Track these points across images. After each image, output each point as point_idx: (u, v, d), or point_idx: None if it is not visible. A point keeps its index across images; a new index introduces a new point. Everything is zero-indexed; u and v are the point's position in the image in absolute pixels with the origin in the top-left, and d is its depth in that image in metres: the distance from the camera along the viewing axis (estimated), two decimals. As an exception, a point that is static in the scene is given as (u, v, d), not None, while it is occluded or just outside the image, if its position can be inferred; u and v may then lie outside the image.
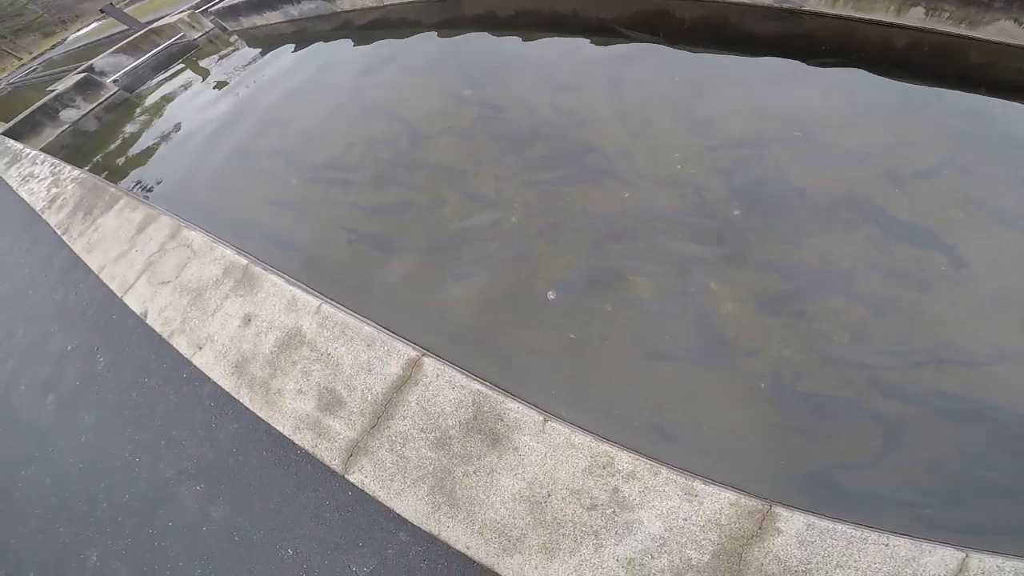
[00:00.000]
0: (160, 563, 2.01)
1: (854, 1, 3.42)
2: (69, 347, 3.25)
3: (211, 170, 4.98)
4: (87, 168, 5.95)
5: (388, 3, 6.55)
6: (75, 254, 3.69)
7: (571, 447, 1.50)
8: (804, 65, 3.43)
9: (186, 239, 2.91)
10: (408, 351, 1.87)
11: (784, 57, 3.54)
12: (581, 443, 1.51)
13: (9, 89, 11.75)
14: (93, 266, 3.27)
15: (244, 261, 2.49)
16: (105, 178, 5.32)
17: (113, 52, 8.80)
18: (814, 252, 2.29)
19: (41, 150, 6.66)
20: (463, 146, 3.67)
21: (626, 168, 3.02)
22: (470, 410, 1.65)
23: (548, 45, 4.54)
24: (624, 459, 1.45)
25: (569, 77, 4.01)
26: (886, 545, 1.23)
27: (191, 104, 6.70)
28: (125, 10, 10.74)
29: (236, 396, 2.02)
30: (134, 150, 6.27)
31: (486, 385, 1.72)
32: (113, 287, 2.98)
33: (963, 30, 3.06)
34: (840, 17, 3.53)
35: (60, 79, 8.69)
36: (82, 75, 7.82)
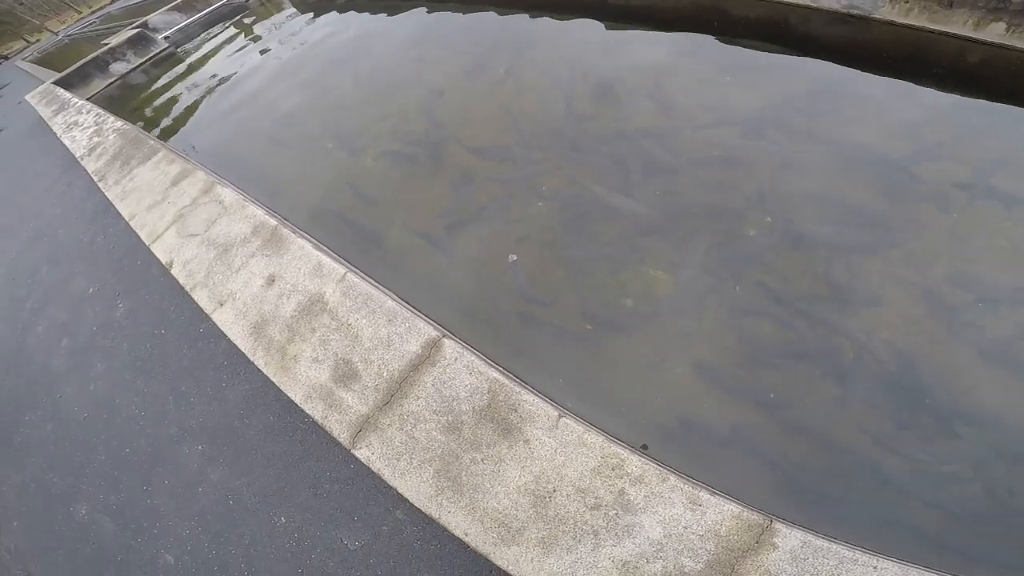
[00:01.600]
0: (150, 521, 2.00)
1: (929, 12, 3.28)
2: (91, 290, 3.31)
3: (247, 129, 5.05)
4: (131, 121, 6.12)
5: None
6: (108, 200, 3.74)
7: (583, 445, 1.49)
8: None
9: (218, 195, 2.94)
10: (429, 330, 1.86)
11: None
12: (593, 442, 1.49)
13: (67, 41, 12.15)
14: (124, 213, 3.31)
15: (274, 222, 2.49)
16: (146, 131, 5.46)
17: (168, 9, 9.02)
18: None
19: (88, 100, 6.87)
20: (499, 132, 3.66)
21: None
22: (485, 397, 1.64)
23: (587, 29, 4.49)
24: (634, 462, 1.43)
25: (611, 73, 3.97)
26: (874, 568, 1.22)
27: (235, 64, 6.81)
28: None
29: (251, 357, 2.03)
30: (176, 105, 6.41)
31: (504, 373, 1.70)
32: (142, 235, 3.02)
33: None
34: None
35: (115, 33, 8.94)
36: (136, 30, 8.04)
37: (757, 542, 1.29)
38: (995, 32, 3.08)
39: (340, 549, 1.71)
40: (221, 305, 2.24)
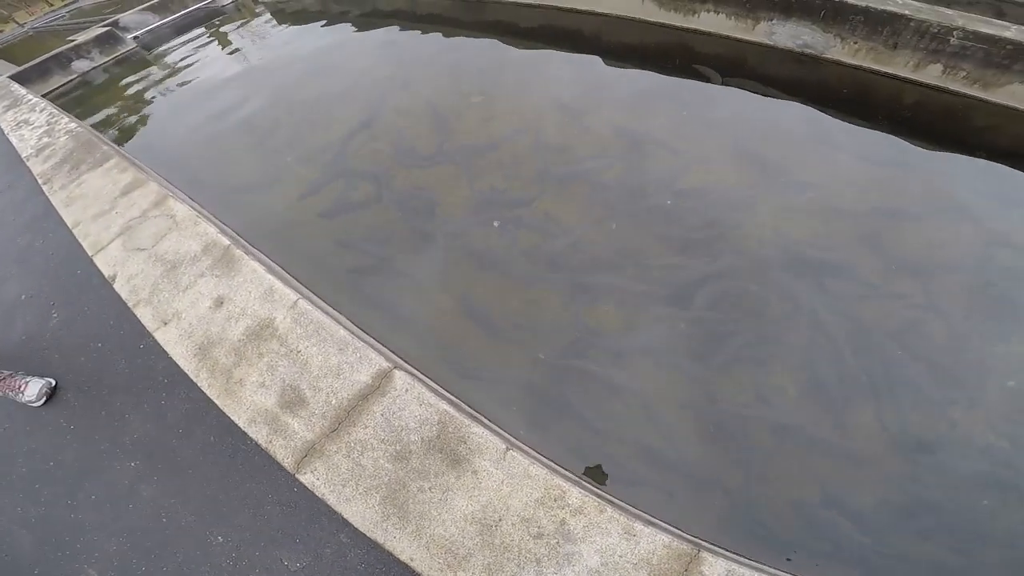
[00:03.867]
0: (72, 535, 1.86)
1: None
2: (23, 296, 3.11)
3: (205, 138, 4.88)
4: (86, 121, 5.87)
5: None
6: (51, 205, 3.51)
7: (528, 477, 1.52)
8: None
9: (170, 209, 2.80)
10: (380, 361, 1.83)
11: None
12: (538, 475, 1.52)
13: (31, 33, 11.54)
14: (68, 220, 3.11)
15: (226, 242, 2.39)
16: (101, 132, 5.24)
17: (142, 9, 8.73)
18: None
19: (43, 96, 6.54)
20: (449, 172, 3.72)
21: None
22: (434, 428, 1.64)
23: (562, 60, 4.64)
24: (575, 494, 1.47)
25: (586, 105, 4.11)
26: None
27: (203, 71, 6.61)
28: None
29: (194, 378, 1.94)
30: (134, 109, 6.16)
31: (454, 404, 1.71)
32: (85, 245, 2.83)
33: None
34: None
35: (83, 29, 8.60)
36: (106, 28, 7.73)
37: (686, 570, 1.32)
38: (932, 75, 3.39)
39: (280, 570, 1.63)
40: (165, 324, 2.15)
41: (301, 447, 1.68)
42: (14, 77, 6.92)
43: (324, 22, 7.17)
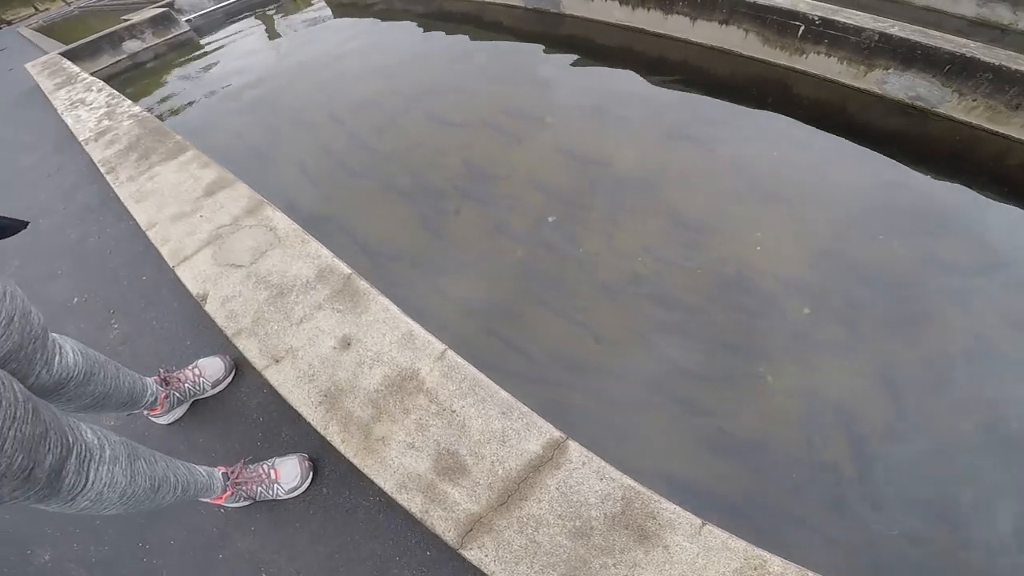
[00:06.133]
0: None
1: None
2: (76, 299, 2.78)
3: (257, 131, 4.70)
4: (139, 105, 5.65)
5: (487, 0, 6.46)
6: (108, 196, 3.18)
7: (727, 549, 1.32)
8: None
9: (268, 219, 2.48)
10: (551, 430, 1.58)
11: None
12: (737, 547, 1.33)
13: (76, 13, 11.46)
14: (140, 220, 2.75)
15: (345, 269, 2.06)
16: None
17: (195, -8, 8.65)
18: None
19: (92, 75, 6.35)
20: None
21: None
22: (618, 504, 1.42)
23: (643, 88, 4.45)
24: (776, 563, 1.28)
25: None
26: None
27: (254, 61, 6.41)
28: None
29: (322, 431, 1.67)
30: (182, 96, 5.98)
31: (638, 482, 1.50)
32: (164, 252, 2.48)
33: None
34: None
35: (131, 9, 8.46)
36: (162, 9, 7.56)
37: None
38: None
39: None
40: (276, 361, 1.88)
41: (466, 520, 1.44)
42: (65, 54, 6.72)
43: (380, 19, 7.01)
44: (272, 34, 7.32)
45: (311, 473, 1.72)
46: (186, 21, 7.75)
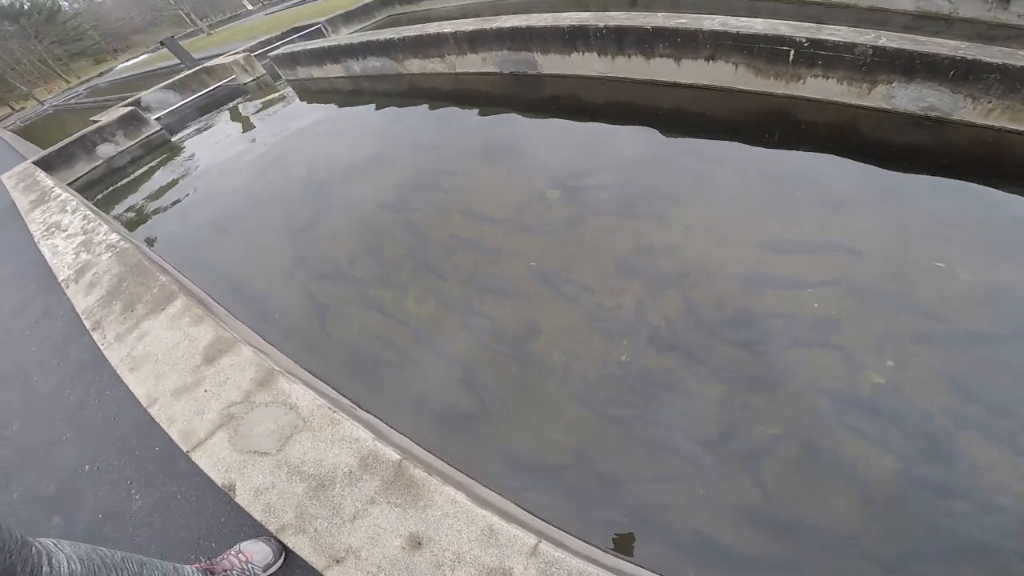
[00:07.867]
0: None
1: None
2: (87, 466, 2.44)
3: (237, 247, 4.47)
4: (118, 218, 5.48)
5: (460, 71, 6.40)
6: (111, 368, 2.79)
7: None
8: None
9: (285, 395, 2.15)
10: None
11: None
12: None
13: (51, 111, 11.55)
14: (139, 394, 2.43)
15: (395, 456, 1.76)
16: (133, 233, 4.80)
17: (162, 88, 8.53)
18: None
19: (69, 184, 6.21)
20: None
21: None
22: None
23: (647, 140, 4.24)
24: None
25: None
26: None
27: (232, 159, 6.19)
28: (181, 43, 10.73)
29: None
30: (167, 206, 5.70)
31: None
32: (173, 434, 2.17)
33: None
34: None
35: (101, 108, 8.41)
36: (129, 108, 7.44)
37: None
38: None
39: None
40: (338, 562, 1.58)
41: None
42: (39, 163, 6.55)
43: (353, 104, 6.86)
44: (245, 126, 7.18)
45: (282, 552, 1.73)
46: (156, 119, 7.63)
